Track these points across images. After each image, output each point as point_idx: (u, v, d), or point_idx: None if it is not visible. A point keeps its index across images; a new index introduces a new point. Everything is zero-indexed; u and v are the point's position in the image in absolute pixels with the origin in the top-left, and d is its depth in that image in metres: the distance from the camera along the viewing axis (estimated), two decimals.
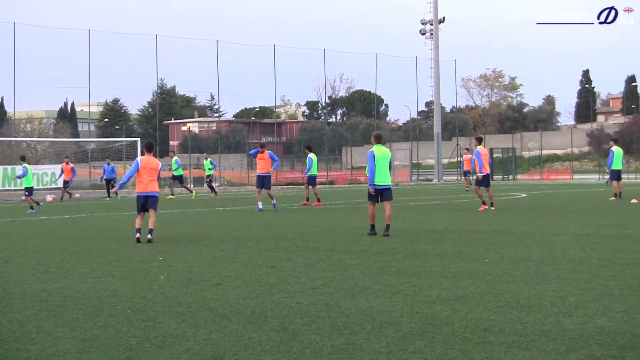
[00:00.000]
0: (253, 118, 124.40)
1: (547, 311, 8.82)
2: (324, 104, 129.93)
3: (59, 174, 44.04)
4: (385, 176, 17.72)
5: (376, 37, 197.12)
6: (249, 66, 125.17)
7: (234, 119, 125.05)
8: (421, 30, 73.98)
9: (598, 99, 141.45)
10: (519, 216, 23.65)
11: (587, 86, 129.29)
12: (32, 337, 8.08)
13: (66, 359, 7.29)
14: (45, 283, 11.57)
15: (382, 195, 17.80)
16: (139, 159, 17.72)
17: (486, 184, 26.00)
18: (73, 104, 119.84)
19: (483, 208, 25.83)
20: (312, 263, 13.18)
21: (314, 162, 31.12)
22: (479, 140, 26.87)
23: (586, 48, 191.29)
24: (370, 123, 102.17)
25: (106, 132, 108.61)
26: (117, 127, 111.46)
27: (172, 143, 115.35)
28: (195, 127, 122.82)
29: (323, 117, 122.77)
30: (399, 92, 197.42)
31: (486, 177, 26.00)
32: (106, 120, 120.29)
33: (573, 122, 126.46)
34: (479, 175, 25.81)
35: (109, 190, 42.72)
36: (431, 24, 72.82)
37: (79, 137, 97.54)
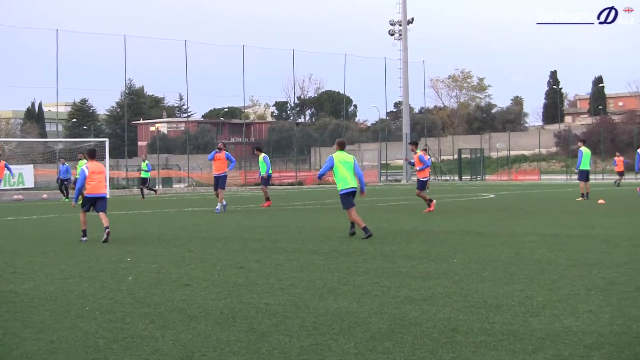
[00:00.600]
0: (222, 118, 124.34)
1: (515, 311, 8.86)
2: (292, 105, 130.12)
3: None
4: (351, 179, 17.62)
5: (345, 38, 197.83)
6: (217, 66, 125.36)
7: (202, 119, 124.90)
8: (390, 30, 74.15)
9: (565, 100, 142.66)
10: (487, 217, 23.75)
11: (554, 87, 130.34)
12: None
13: None
14: (13, 284, 11.49)
15: (353, 197, 17.70)
16: (85, 167, 18.04)
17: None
18: (41, 104, 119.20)
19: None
20: (280, 264, 13.17)
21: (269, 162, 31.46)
22: (416, 145, 27.35)
23: (554, 49, 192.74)
24: (339, 123, 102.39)
25: (74, 133, 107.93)
26: (85, 127, 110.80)
27: (140, 143, 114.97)
28: (163, 128, 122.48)
29: (292, 118, 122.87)
30: (367, 92, 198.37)
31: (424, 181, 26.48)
32: (74, 120, 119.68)
33: (541, 123, 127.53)
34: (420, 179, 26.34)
35: (62, 190, 42.22)
36: (400, 25, 73.04)
37: (47, 138, 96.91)
